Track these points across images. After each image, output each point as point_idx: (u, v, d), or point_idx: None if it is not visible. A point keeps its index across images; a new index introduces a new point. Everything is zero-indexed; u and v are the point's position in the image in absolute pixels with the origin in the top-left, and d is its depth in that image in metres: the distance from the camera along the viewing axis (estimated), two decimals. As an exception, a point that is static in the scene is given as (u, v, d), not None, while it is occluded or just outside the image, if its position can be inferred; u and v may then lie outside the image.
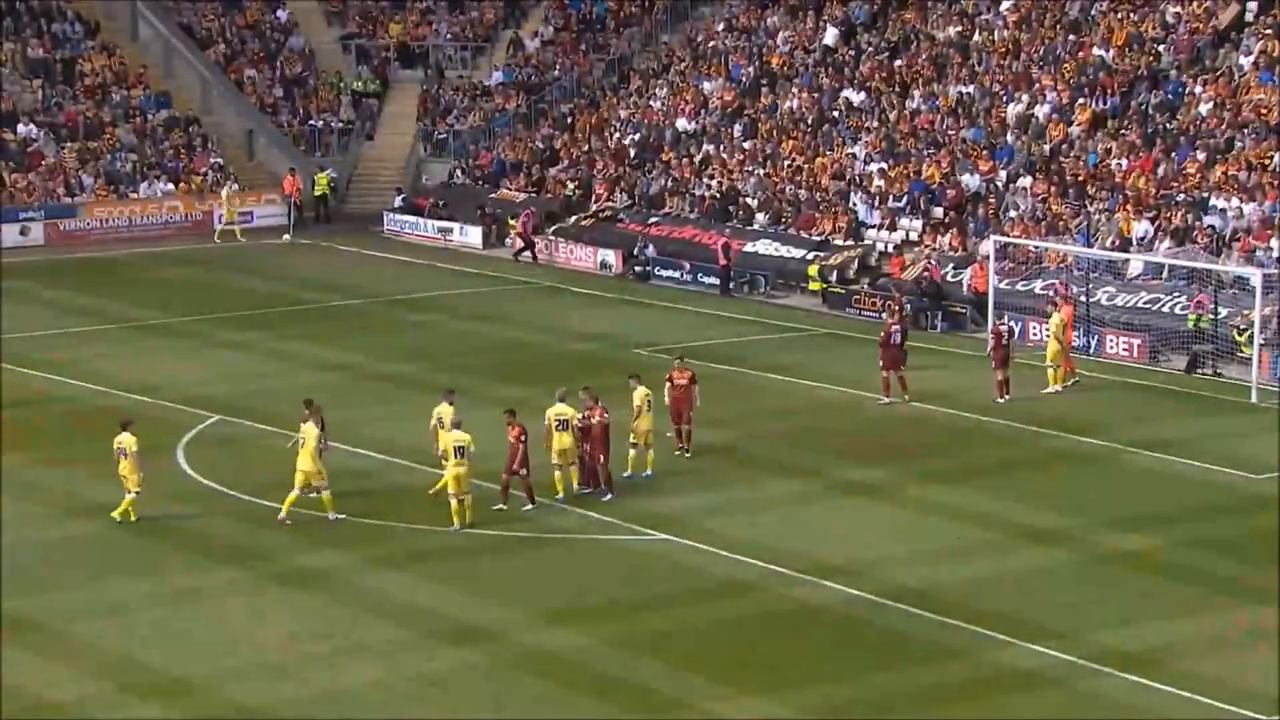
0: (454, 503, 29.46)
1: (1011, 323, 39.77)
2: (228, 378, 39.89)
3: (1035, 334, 41.73)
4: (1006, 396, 37.17)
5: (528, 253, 54.04)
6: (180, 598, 26.87)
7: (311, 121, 63.97)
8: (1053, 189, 47.81)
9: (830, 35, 58.37)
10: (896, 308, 40.19)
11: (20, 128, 59.15)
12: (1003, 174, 49.68)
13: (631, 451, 31.99)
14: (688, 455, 33.12)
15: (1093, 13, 53.61)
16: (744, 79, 58.77)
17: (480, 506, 30.17)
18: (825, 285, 48.24)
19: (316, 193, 59.47)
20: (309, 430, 30.03)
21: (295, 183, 58.97)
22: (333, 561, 28.32)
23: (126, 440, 30.00)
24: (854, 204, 51.06)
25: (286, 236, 57.35)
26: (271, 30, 67.38)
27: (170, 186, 58.99)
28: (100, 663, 24.54)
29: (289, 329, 44.83)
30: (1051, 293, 42.59)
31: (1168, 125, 48.38)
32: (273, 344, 43.23)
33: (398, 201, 59.18)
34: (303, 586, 27.31)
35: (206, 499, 31.47)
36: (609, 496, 30.82)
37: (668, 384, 33.06)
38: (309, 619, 26.02)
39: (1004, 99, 52.14)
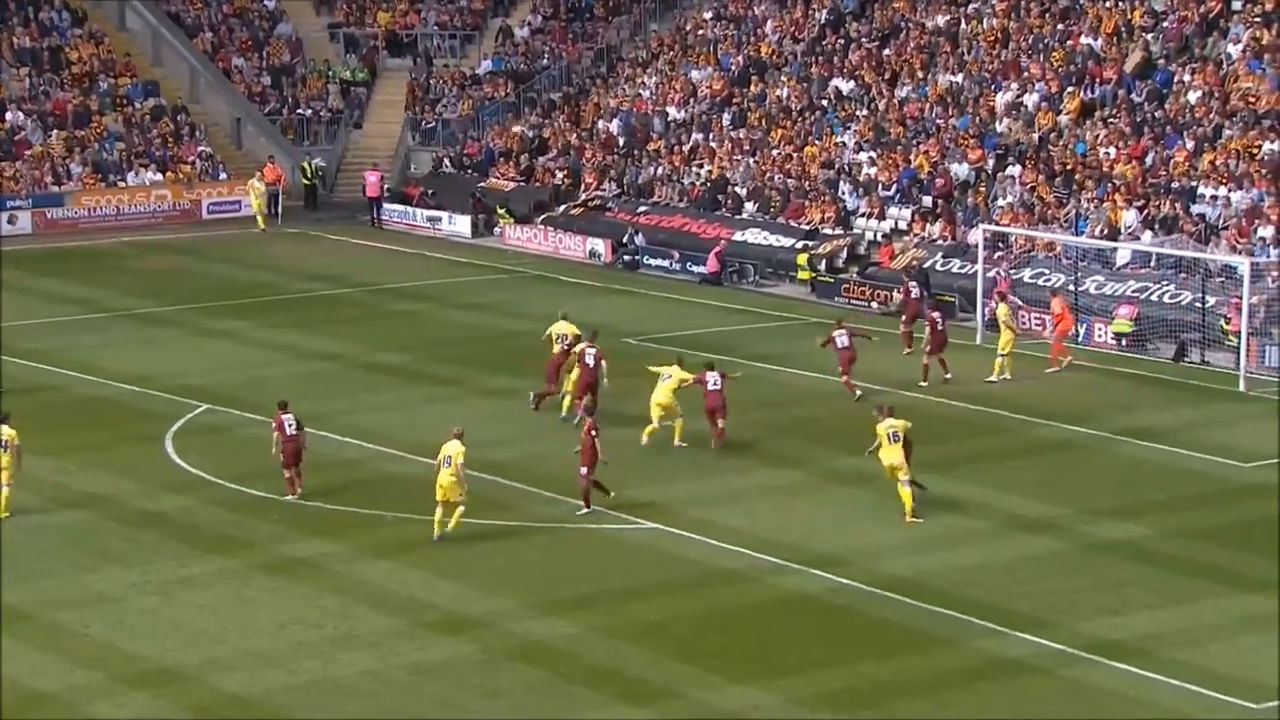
0: (437, 511, 28.65)
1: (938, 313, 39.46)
2: (216, 367, 39.82)
3: (1024, 322, 41.81)
4: (948, 376, 37.34)
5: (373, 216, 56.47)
6: (169, 587, 26.84)
7: (299, 110, 63.85)
8: (1041, 178, 47.85)
9: None
10: (904, 296, 40.20)
11: (8, 116, 59.01)
12: (991, 162, 49.69)
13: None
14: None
15: (1081, 1, 53.61)
16: (733, 68, 58.75)
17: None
18: (814, 274, 48.26)
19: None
20: None
21: (276, 171, 58.86)
22: (322, 550, 28.29)
23: (7, 433, 29.41)
24: (843, 193, 51.07)
25: (264, 229, 56.87)
26: (259, 18, 67.23)
27: (158, 175, 58.87)
28: (89, 652, 24.51)
29: (278, 318, 44.76)
30: (994, 284, 42.52)
31: (1156, 114, 48.43)
32: (261, 333, 43.17)
33: (384, 190, 59.08)
34: (292, 576, 27.28)
35: (195, 488, 31.42)
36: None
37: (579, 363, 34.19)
38: (299, 608, 25.99)
39: (993, 88, 52.17)
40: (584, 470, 29.49)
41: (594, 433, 29.45)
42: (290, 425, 30.32)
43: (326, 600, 26.26)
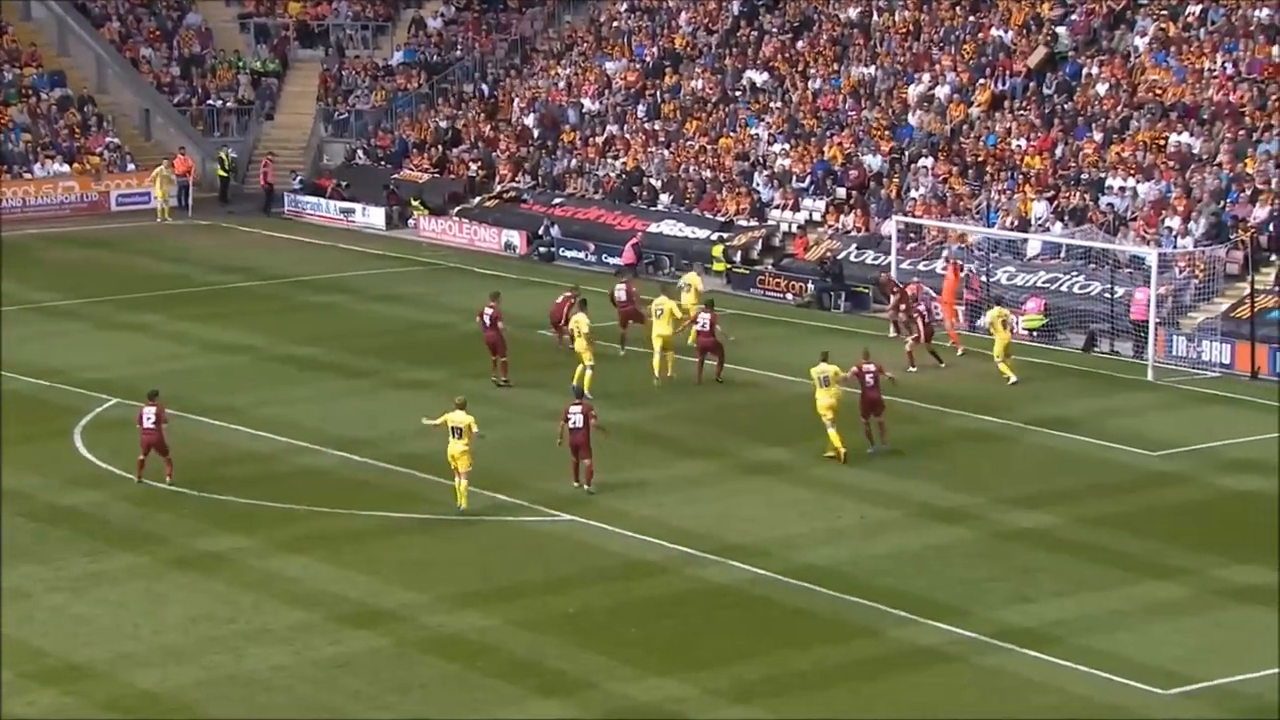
0: (458, 482, 28.92)
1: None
2: (127, 360, 39.40)
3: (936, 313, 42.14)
4: (913, 369, 37.86)
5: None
6: (79, 582, 26.54)
7: (210, 101, 63.25)
8: (953, 169, 48.21)
9: None
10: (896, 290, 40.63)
11: (-89, 107, 58.15)
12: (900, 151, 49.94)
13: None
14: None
15: (992, -7, 54.08)
16: (647, 59, 58.77)
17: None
18: (730, 266, 48.38)
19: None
20: None
21: (186, 162, 58.30)
22: (235, 545, 28.06)
23: None
24: (757, 184, 51.22)
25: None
26: (167, 8, 66.53)
27: (65, 167, 58.15)
28: (-2, 650, 24.20)
29: (189, 310, 44.33)
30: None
31: (1065, 106, 48.90)
32: (173, 326, 42.74)
33: (296, 183, 58.65)
34: (204, 570, 27.04)
35: (106, 483, 31.08)
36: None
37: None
38: (211, 603, 25.77)
39: (905, 80, 52.48)
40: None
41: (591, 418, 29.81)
42: (148, 418, 30.13)
43: (239, 595, 26.05)
